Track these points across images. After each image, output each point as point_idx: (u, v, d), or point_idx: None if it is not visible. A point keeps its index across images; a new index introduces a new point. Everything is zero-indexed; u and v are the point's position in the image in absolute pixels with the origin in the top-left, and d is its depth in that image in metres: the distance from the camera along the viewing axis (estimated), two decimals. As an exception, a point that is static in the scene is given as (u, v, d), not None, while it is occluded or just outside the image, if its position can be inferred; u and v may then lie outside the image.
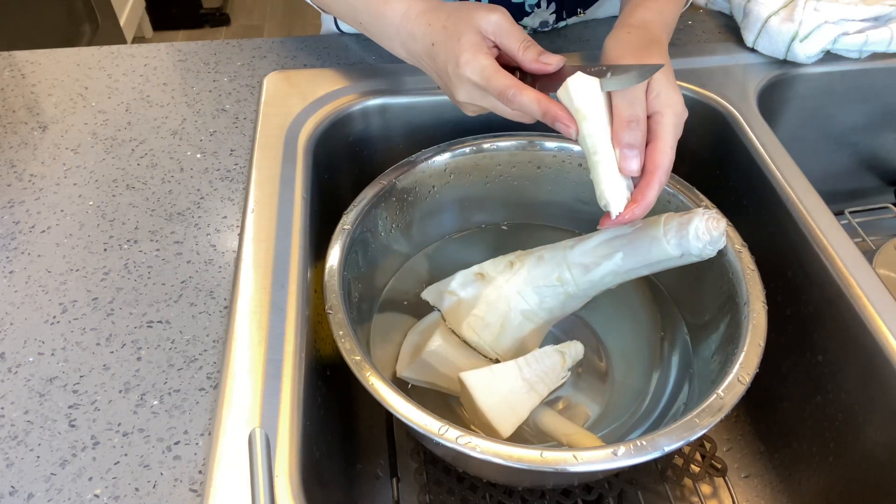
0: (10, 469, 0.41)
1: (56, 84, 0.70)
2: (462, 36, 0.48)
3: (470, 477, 0.58)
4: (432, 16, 0.52)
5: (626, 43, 0.51)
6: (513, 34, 0.49)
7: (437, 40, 0.50)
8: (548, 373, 0.54)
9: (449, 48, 0.49)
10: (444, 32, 0.50)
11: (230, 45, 0.75)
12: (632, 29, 0.53)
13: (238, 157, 0.62)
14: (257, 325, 0.47)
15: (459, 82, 0.49)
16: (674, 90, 0.48)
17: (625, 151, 0.45)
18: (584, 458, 0.40)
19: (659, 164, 0.46)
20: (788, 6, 0.70)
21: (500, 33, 0.49)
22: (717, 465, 0.60)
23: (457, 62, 0.48)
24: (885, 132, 0.80)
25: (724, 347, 0.52)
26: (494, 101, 0.48)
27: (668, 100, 0.47)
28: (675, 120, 0.47)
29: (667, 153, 0.46)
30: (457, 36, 0.48)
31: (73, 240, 0.54)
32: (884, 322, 0.49)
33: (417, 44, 0.52)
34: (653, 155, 0.46)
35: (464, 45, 0.48)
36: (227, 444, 0.41)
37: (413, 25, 0.52)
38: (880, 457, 0.50)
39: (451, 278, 0.60)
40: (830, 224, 0.56)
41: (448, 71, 0.49)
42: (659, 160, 0.46)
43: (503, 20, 0.49)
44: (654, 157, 0.46)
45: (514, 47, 0.49)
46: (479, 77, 0.47)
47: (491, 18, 0.49)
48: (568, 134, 0.46)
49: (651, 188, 0.46)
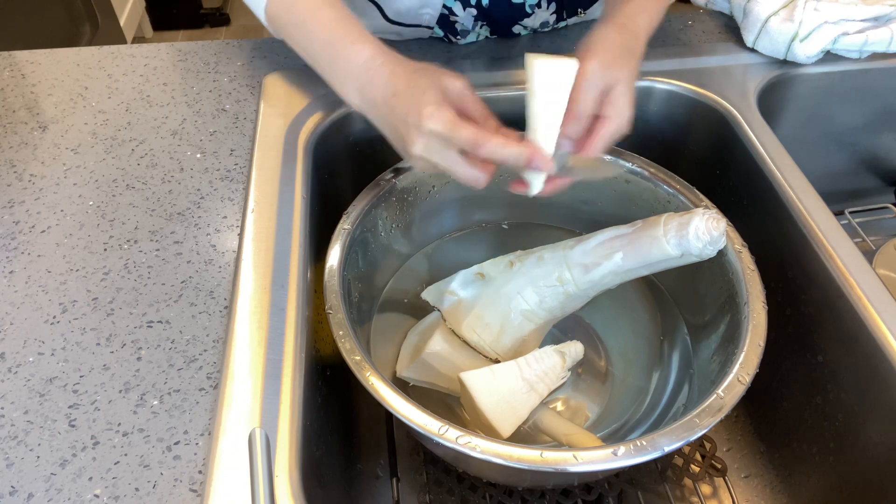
0: (10, 469, 0.41)
1: (56, 84, 0.70)
2: (427, 91, 0.48)
3: (470, 477, 0.58)
4: (397, 67, 0.52)
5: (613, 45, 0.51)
6: (476, 102, 0.50)
7: (400, 91, 0.50)
8: (548, 373, 0.54)
9: (412, 100, 0.48)
10: (407, 84, 0.50)
11: (230, 45, 0.75)
12: (622, 30, 0.53)
13: (238, 157, 0.62)
14: (257, 325, 0.47)
15: (418, 134, 0.48)
16: (629, 102, 0.51)
17: (561, 140, 0.50)
18: (584, 458, 0.40)
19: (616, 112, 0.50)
20: (788, 6, 0.70)
21: (463, 100, 0.50)
22: (717, 465, 0.60)
23: (419, 114, 0.47)
24: (885, 132, 0.80)
25: (724, 347, 0.52)
26: (451, 156, 0.48)
27: (621, 110, 0.50)
28: (616, 129, 0.50)
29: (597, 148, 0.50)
30: (421, 90, 0.48)
31: (73, 240, 0.54)
32: (884, 322, 0.49)
33: (377, 91, 0.52)
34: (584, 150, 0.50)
35: (427, 99, 0.47)
36: (227, 444, 0.41)
37: (375, 72, 0.52)
38: (880, 457, 0.50)
39: (452, 278, 0.60)
40: (830, 224, 0.56)
41: (408, 122, 0.49)
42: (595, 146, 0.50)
43: (466, 88, 0.50)
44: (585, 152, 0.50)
45: (475, 115, 0.50)
46: (444, 127, 0.47)
47: (455, 84, 0.49)
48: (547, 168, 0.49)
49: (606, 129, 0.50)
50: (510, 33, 0.75)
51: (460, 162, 0.48)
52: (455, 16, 0.71)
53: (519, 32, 0.75)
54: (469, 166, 0.49)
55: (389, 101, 0.50)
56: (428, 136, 0.48)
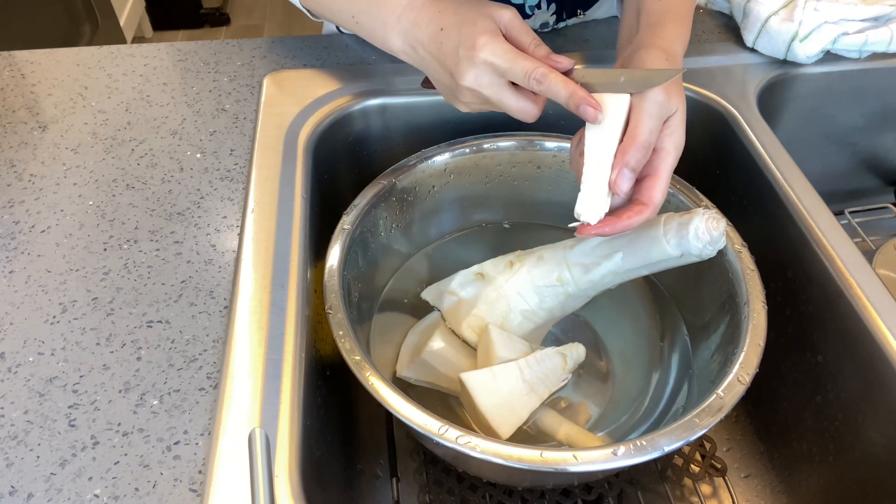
0: (10, 469, 0.41)
1: (56, 84, 0.70)
2: (478, 20, 0.47)
3: (470, 477, 0.58)
4: (441, 4, 0.51)
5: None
6: (524, 31, 0.49)
7: (448, 24, 0.49)
8: (549, 375, 0.54)
9: (463, 31, 0.48)
10: (455, 17, 0.49)
11: (230, 45, 0.75)
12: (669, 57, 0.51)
13: (238, 157, 0.62)
14: (257, 325, 0.47)
15: (470, 65, 0.47)
16: (683, 131, 0.49)
17: (624, 171, 0.46)
18: (584, 458, 0.40)
19: (653, 199, 0.47)
20: (788, 6, 0.70)
21: (511, 28, 0.49)
22: (717, 465, 0.60)
23: (472, 44, 0.47)
24: (885, 132, 0.80)
25: (724, 347, 0.52)
26: (502, 90, 0.48)
27: (678, 141, 0.48)
28: (675, 162, 0.48)
29: (663, 192, 0.47)
30: (472, 20, 0.48)
31: (73, 240, 0.54)
32: (884, 322, 0.49)
33: (421, 30, 0.51)
34: (651, 190, 0.47)
35: (480, 29, 0.47)
36: (226, 444, 0.41)
37: (419, 12, 0.52)
38: (880, 457, 0.50)
39: (451, 278, 0.60)
40: (830, 224, 0.56)
41: (459, 54, 0.48)
42: (654, 196, 0.47)
43: (515, 17, 0.49)
44: (652, 193, 0.47)
45: (525, 43, 0.48)
46: (501, 59, 0.46)
47: (504, 14, 0.49)
48: (594, 119, 0.46)
49: (638, 217, 0.47)
50: (510, 33, 0.75)
51: (511, 93, 0.48)
52: (455, 16, 0.70)
53: (519, 33, 0.75)
54: (520, 98, 0.48)
55: (437, 37, 0.50)
56: (481, 66, 0.47)
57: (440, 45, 0.50)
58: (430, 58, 0.51)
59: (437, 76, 0.52)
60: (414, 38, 0.52)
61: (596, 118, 0.46)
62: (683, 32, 0.55)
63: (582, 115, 0.46)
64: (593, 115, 0.46)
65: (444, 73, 0.50)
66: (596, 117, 0.46)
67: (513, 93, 0.48)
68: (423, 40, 0.51)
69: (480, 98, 0.49)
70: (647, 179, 0.47)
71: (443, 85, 0.52)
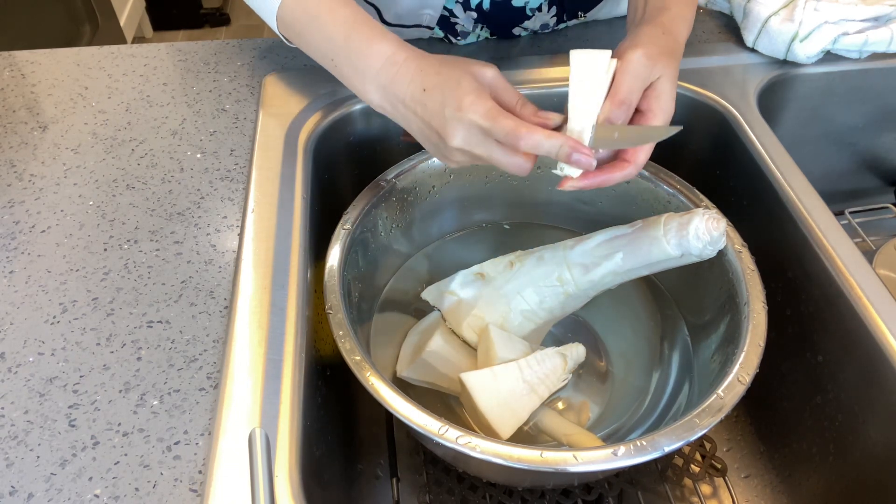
0: (10, 469, 0.41)
1: (56, 84, 0.70)
2: (461, 81, 0.47)
3: (470, 477, 0.58)
4: (422, 62, 0.50)
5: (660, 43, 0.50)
6: (509, 90, 0.48)
7: (431, 85, 0.48)
8: (549, 375, 0.54)
9: (447, 92, 0.47)
10: (438, 78, 0.48)
11: (230, 45, 0.75)
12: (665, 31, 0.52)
13: (238, 157, 0.62)
14: (257, 325, 0.47)
15: (458, 126, 0.46)
16: (672, 98, 0.49)
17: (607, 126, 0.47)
18: (584, 458, 0.40)
19: (637, 158, 0.48)
20: (788, 6, 0.70)
21: (496, 87, 0.48)
22: (717, 465, 0.60)
23: (458, 105, 0.46)
24: (885, 132, 0.80)
25: (724, 347, 0.52)
26: (492, 147, 0.47)
27: (665, 105, 0.49)
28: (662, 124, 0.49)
29: (647, 152, 0.49)
30: (455, 81, 0.47)
31: (73, 240, 0.54)
32: (884, 322, 0.49)
33: (402, 88, 0.50)
34: (635, 148, 0.48)
35: (465, 89, 0.46)
36: (227, 444, 0.41)
37: (399, 69, 0.50)
38: (880, 457, 0.50)
39: (452, 278, 0.60)
40: (830, 224, 0.56)
41: (445, 115, 0.47)
42: (638, 155, 0.48)
43: (498, 76, 0.48)
44: (636, 152, 0.48)
45: (510, 102, 0.48)
46: (485, 118, 0.45)
47: (486, 72, 0.48)
48: (589, 166, 0.46)
49: (619, 173, 0.48)
50: (510, 34, 0.75)
51: (501, 150, 0.47)
52: (455, 17, 0.71)
53: (519, 34, 0.75)
54: (511, 155, 0.47)
55: (420, 98, 0.49)
56: (469, 127, 0.46)
57: (424, 105, 0.49)
58: (412, 116, 0.50)
59: (422, 134, 0.51)
60: (393, 96, 0.51)
61: (591, 164, 0.46)
62: (687, 14, 0.56)
63: (575, 164, 0.46)
64: (587, 163, 0.46)
65: (430, 132, 0.49)
66: (591, 164, 0.46)
67: (503, 149, 0.47)
68: (403, 99, 0.50)
69: (471, 156, 0.48)
70: None
71: (429, 143, 0.51)
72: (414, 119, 0.50)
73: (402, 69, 0.50)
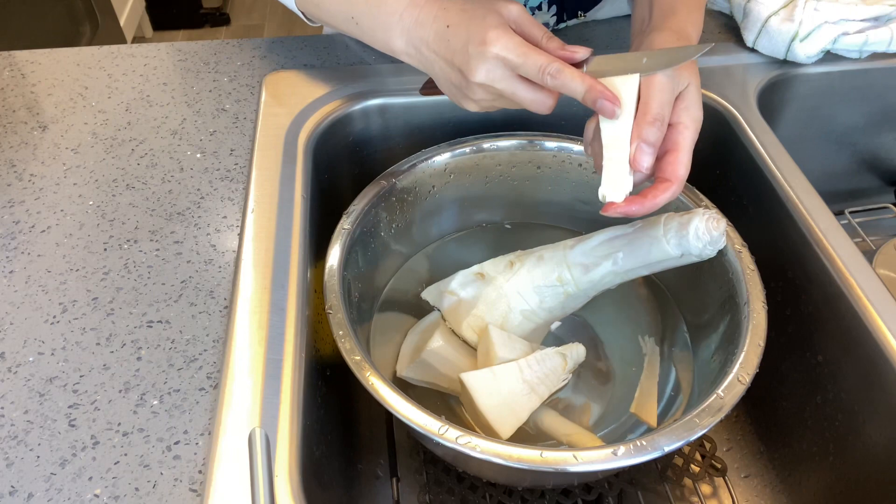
0: (10, 469, 0.41)
1: (56, 84, 0.70)
2: (486, 16, 0.46)
3: (470, 477, 0.58)
4: (446, 1, 0.50)
5: None
6: (534, 25, 0.48)
7: (455, 21, 0.48)
8: (549, 375, 0.54)
9: (472, 27, 0.46)
10: (463, 14, 0.48)
11: (230, 45, 0.75)
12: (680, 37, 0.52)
13: (238, 157, 0.62)
14: (257, 325, 0.47)
15: (481, 61, 0.46)
16: (700, 106, 0.49)
17: (643, 146, 0.45)
18: (584, 458, 0.40)
19: (677, 174, 0.47)
20: (788, 6, 0.70)
21: (521, 23, 0.47)
22: (717, 465, 0.60)
23: (483, 39, 0.45)
24: (885, 132, 0.80)
25: (724, 347, 0.52)
26: (515, 83, 0.47)
27: (695, 114, 0.48)
28: (695, 135, 0.48)
29: (686, 166, 0.47)
30: (480, 16, 0.47)
31: (73, 240, 0.54)
32: (884, 322, 0.49)
33: (426, 28, 0.50)
34: (674, 165, 0.47)
35: (490, 23, 0.46)
36: (227, 444, 0.41)
37: (422, 10, 0.50)
38: (880, 457, 0.50)
39: (451, 278, 0.60)
40: (830, 224, 0.56)
41: (468, 51, 0.46)
42: (678, 171, 0.47)
43: (523, 12, 0.48)
44: (675, 168, 0.47)
45: (536, 36, 0.47)
46: (513, 53, 0.45)
47: (512, 8, 0.47)
48: (612, 114, 0.45)
49: (664, 194, 0.46)
50: (510, 33, 0.75)
51: (525, 86, 0.46)
52: (455, 16, 0.70)
53: (519, 33, 0.75)
54: (534, 90, 0.47)
55: (444, 34, 0.49)
56: (493, 61, 0.46)
57: (447, 42, 0.48)
58: (435, 57, 0.50)
59: (445, 75, 0.51)
60: (418, 38, 0.51)
61: (614, 113, 0.45)
62: (696, 18, 0.55)
63: (600, 109, 0.46)
64: (611, 110, 0.45)
65: (452, 71, 0.49)
66: (614, 112, 0.45)
67: (526, 85, 0.47)
68: (427, 39, 0.50)
69: (493, 93, 0.48)
70: (667, 155, 0.47)
71: (451, 84, 0.51)
72: (437, 61, 0.50)
73: (424, 9, 0.50)
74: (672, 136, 0.47)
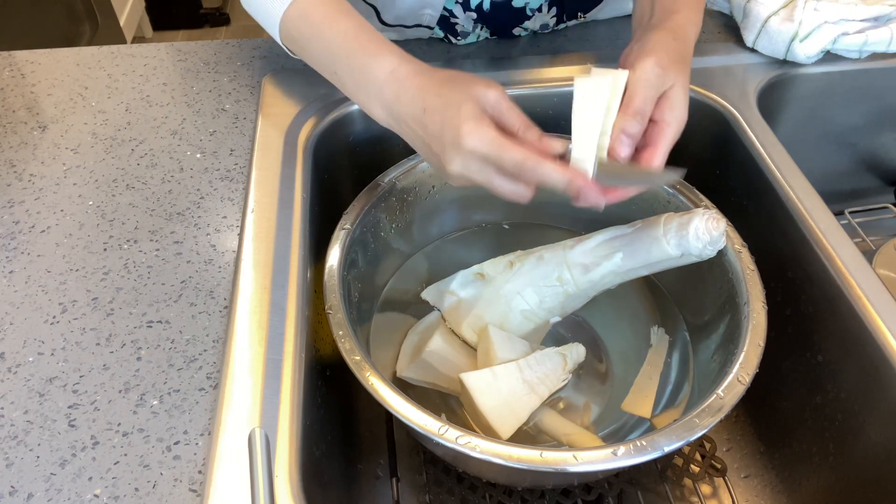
0: (10, 469, 0.41)
1: (56, 84, 0.70)
2: (462, 105, 0.45)
3: (470, 477, 0.58)
4: (423, 79, 0.48)
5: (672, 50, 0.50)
6: (512, 112, 0.46)
7: (431, 107, 0.47)
8: (549, 375, 0.54)
9: (447, 116, 0.45)
10: (438, 99, 0.46)
11: (230, 45, 0.75)
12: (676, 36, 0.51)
13: (238, 157, 0.62)
14: (257, 325, 0.47)
15: (456, 153, 0.45)
16: (685, 106, 0.49)
17: (622, 137, 0.46)
18: (584, 458, 0.40)
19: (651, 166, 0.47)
20: (788, 6, 0.70)
21: (498, 110, 0.46)
22: (717, 465, 0.60)
23: (457, 132, 0.44)
24: (885, 132, 0.80)
25: (724, 347, 0.52)
26: (491, 175, 0.45)
27: (679, 114, 0.48)
28: (676, 134, 0.48)
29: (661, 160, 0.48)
30: (456, 105, 0.45)
31: (73, 240, 0.54)
32: (884, 322, 0.49)
33: (404, 107, 0.49)
34: (649, 160, 0.47)
35: (464, 115, 0.44)
36: (226, 444, 0.41)
37: (401, 86, 0.49)
38: (880, 457, 0.50)
39: (452, 278, 0.60)
40: (830, 224, 0.56)
41: (444, 140, 0.45)
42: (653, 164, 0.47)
43: (501, 98, 0.46)
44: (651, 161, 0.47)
45: (514, 125, 0.46)
46: (489, 147, 0.44)
47: (489, 94, 0.46)
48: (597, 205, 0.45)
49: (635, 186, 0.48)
50: (510, 35, 0.75)
51: (502, 178, 0.45)
52: (455, 18, 0.71)
53: (519, 34, 0.75)
54: (513, 183, 0.46)
55: (420, 118, 0.47)
56: (468, 155, 0.44)
57: (424, 126, 0.47)
58: (413, 135, 0.49)
59: (424, 153, 0.50)
60: (396, 113, 0.50)
61: (600, 204, 0.45)
62: (696, 18, 0.55)
63: (583, 201, 0.45)
64: (596, 201, 0.45)
65: (430, 153, 0.48)
66: (600, 203, 0.45)
67: (503, 177, 0.45)
68: (405, 117, 0.49)
69: (470, 182, 0.47)
70: (645, 150, 0.48)
71: (432, 160, 0.50)
72: (416, 138, 0.49)
73: (403, 86, 0.49)
74: (653, 132, 0.48)
